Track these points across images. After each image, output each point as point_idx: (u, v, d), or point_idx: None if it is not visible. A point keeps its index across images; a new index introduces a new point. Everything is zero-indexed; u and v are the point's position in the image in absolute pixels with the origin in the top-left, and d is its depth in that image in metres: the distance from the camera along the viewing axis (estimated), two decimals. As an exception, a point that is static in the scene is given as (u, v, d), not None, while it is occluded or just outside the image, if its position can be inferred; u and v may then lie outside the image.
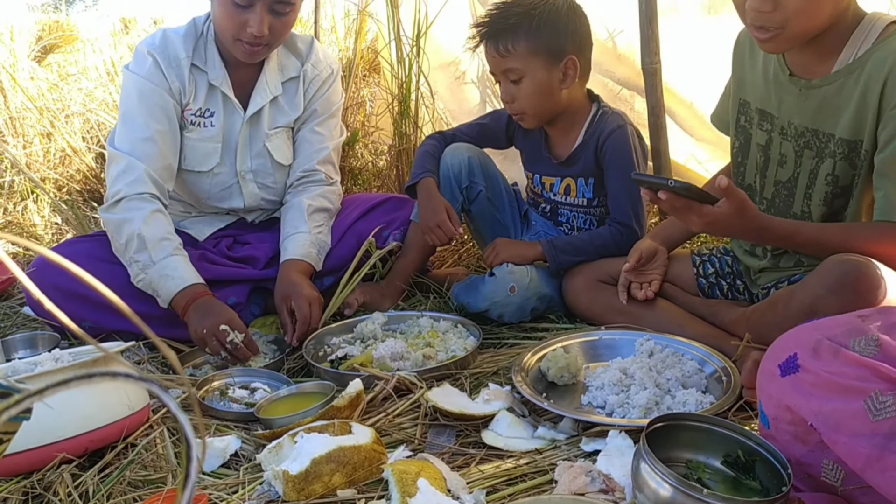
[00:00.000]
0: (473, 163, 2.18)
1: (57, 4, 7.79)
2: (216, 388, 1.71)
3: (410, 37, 2.85)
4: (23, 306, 2.35)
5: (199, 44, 2.08)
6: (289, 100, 2.18)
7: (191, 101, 2.07)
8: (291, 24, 2.02)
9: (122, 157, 1.98)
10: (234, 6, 1.89)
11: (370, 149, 3.41)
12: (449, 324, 1.97)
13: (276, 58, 2.14)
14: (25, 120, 3.72)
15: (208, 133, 2.10)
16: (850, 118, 1.50)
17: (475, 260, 2.60)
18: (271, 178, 2.21)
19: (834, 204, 1.59)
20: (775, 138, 1.66)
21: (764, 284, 1.77)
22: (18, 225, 3.32)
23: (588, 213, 2.15)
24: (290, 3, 1.93)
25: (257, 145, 2.16)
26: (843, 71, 1.49)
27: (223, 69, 2.08)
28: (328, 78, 2.21)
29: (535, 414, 1.51)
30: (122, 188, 1.96)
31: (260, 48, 1.97)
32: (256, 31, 1.89)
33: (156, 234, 1.92)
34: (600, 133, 2.05)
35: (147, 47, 2.05)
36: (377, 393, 1.58)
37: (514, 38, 1.95)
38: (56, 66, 4.76)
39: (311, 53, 2.19)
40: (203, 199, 2.19)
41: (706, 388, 1.53)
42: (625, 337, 1.75)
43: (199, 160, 2.11)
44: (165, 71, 2.02)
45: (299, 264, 2.04)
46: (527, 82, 1.98)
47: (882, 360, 0.94)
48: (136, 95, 2.01)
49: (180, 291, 1.87)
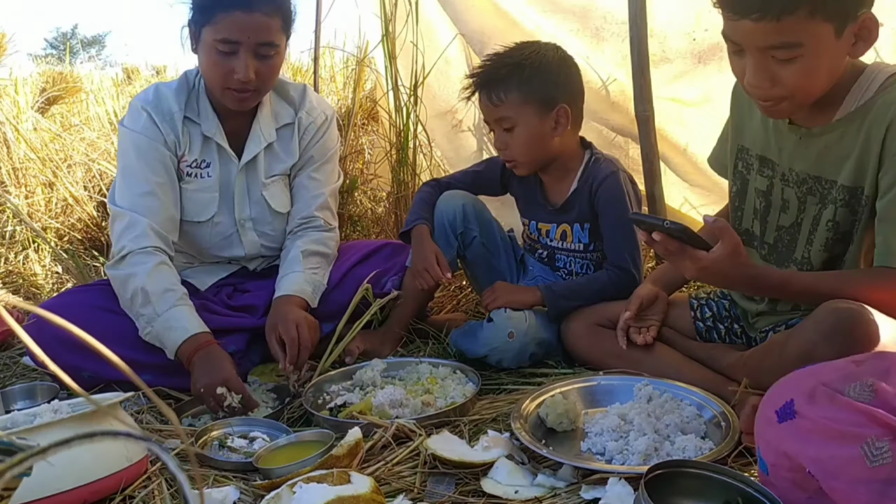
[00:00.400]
0: (468, 209, 2.21)
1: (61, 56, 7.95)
2: (215, 437, 1.70)
3: (408, 86, 2.90)
4: (22, 356, 2.35)
5: (192, 97, 2.11)
6: (284, 146, 2.20)
7: (186, 153, 2.10)
8: (278, 68, 2.04)
9: (125, 213, 2.00)
10: (219, 54, 1.92)
11: (369, 196, 3.45)
12: (448, 370, 1.97)
13: (268, 105, 2.17)
14: (28, 170, 3.76)
15: (205, 183, 2.12)
16: (852, 165, 1.50)
17: (473, 305, 2.61)
18: (270, 226, 2.23)
19: (834, 249, 1.60)
20: (777, 184, 1.67)
21: (762, 328, 1.78)
22: (19, 274, 3.34)
23: (585, 257, 2.17)
24: (275, 46, 1.95)
25: (255, 193, 2.18)
26: (845, 119, 1.50)
27: (216, 120, 2.11)
28: (323, 124, 2.23)
29: (534, 461, 1.50)
30: (126, 244, 1.97)
31: (249, 94, 1.99)
32: (243, 76, 1.92)
33: (159, 287, 1.92)
34: (594, 179, 2.09)
35: (141, 103, 2.08)
36: (376, 441, 1.58)
37: (506, 87, 2.00)
38: (59, 117, 4.83)
39: (305, 100, 2.22)
40: (204, 248, 2.21)
41: (705, 434, 1.53)
42: (623, 382, 1.75)
43: (197, 210, 2.13)
44: (160, 125, 2.05)
45: (292, 298, 2.04)
46: (519, 130, 2.03)
47: (877, 406, 0.95)
48: (133, 151, 2.04)
49: (184, 342, 1.87)
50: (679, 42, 2.48)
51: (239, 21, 1.89)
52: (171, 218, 2.07)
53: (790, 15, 1.33)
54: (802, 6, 1.32)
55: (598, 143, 2.61)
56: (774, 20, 1.33)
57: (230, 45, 1.91)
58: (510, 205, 2.41)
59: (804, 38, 1.35)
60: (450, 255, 2.19)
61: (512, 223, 2.47)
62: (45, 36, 34.02)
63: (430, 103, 2.98)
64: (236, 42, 1.90)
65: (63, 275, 3.28)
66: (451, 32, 2.91)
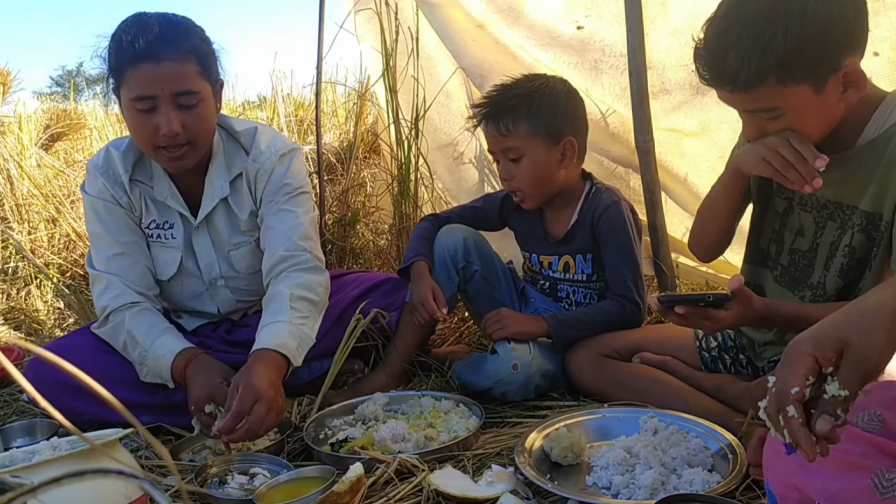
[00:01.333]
0: (468, 243, 2.20)
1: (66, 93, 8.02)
2: (215, 474, 1.68)
3: (409, 119, 2.92)
4: (22, 393, 2.33)
5: (143, 159, 2.04)
6: (239, 199, 2.07)
7: (142, 215, 2.07)
8: (207, 117, 1.90)
9: (101, 275, 2.01)
10: (139, 113, 1.83)
11: (371, 228, 3.46)
12: (451, 403, 1.95)
13: (221, 156, 2.05)
14: (31, 206, 3.78)
15: (171, 244, 2.09)
16: (872, 191, 1.49)
17: (476, 338, 2.60)
18: (244, 282, 2.16)
19: (849, 276, 1.59)
20: (795, 207, 1.67)
21: (769, 358, 1.76)
22: (21, 310, 3.33)
23: (588, 287, 2.16)
24: (194, 93, 1.84)
25: (222, 251, 2.11)
26: (866, 146, 1.49)
27: (168, 182, 2.03)
28: (275, 166, 2.04)
29: (539, 496, 1.48)
30: (108, 303, 1.98)
31: (182, 150, 1.87)
32: (166, 130, 1.81)
33: (143, 327, 1.94)
34: (595, 210, 2.09)
35: (92, 167, 2.06)
36: (378, 476, 1.56)
37: (515, 118, 2.01)
38: (63, 153, 4.87)
39: (253, 146, 2.06)
40: (177, 305, 2.19)
41: (712, 467, 1.50)
42: (629, 414, 1.73)
43: (161, 269, 2.10)
44: (111, 188, 2.02)
45: (269, 355, 1.77)
46: (526, 161, 2.03)
47: (886, 436, 0.93)
48: (94, 216, 2.04)
49: (173, 362, 1.87)
50: (677, 73, 2.49)
51: (147, 74, 1.79)
52: (146, 270, 2.06)
53: (759, 86, 1.37)
54: (769, 77, 1.36)
55: (599, 174, 2.61)
56: (743, 92, 1.39)
57: (146, 101, 1.81)
58: (510, 236, 2.41)
59: (779, 102, 1.40)
60: (450, 290, 2.18)
61: (511, 255, 2.47)
62: (51, 74, 34.33)
63: (431, 136, 3.00)
64: (151, 97, 1.80)
65: (65, 311, 3.28)
66: (451, 66, 2.93)
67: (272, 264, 2.00)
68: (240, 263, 2.12)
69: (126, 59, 1.81)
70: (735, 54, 1.36)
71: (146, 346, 1.91)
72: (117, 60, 1.84)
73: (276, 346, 1.79)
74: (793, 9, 1.32)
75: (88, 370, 1.86)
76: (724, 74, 1.39)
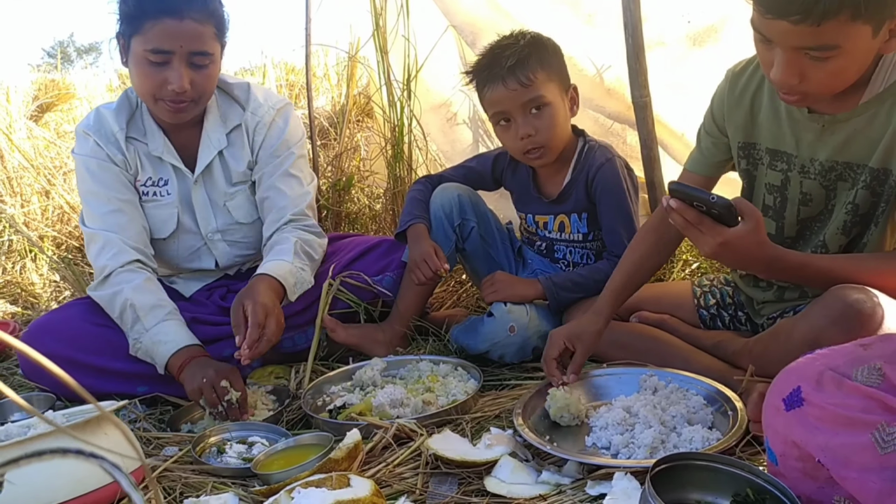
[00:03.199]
0: (464, 200, 2.18)
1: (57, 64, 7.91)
2: (213, 444, 1.67)
3: (401, 81, 2.87)
4: (19, 367, 2.33)
5: (136, 116, 2.05)
6: (235, 152, 2.11)
7: (138, 172, 2.05)
8: (214, 77, 1.96)
9: (97, 233, 1.98)
10: (151, 65, 1.84)
11: (366, 193, 3.42)
12: (449, 367, 1.94)
13: (215, 110, 2.08)
14: (23, 179, 3.74)
15: (165, 201, 2.08)
16: (883, 147, 1.45)
17: (474, 300, 2.58)
18: (240, 234, 2.18)
19: (852, 232, 1.56)
20: (794, 177, 1.60)
21: (769, 315, 1.75)
22: (17, 284, 3.32)
23: (585, 247, 2.14)
24: (209, 55, 1.88)
25: (218, 204, 2.12)
26: (874, 101, 1.44)
27: (162, 137, 2.05)
28: (273, 120, 2.11)
29: (538, 458, 1.47)
30: (107, 263, 1.95)
31: (185, 105, 1.91)
32: (177, 86, 1.84)
33: (147, 302, 1.90)
34: (589, 168, 2.05)
35: (83, 129, 2.04)
36: (376, 443, 1.55)
37: (532, 66, 1.95)
38: (53, 124, 4.81)
39: (250, 99, 2.11)
40: (174, 264, 2.17)
41: (712, 424, 1.50)
42: (628, 373, 1.72)
43: (157, 228, 2.09)
44: (105, 147, 2.01)
45: (271, 282, 1.90)
46: (549, 110, 1.98)
47: (886, 390, 0.92)
48: (88, 175, 2.02)
49: (173, 355, 1.84)
50: (674, 25, 2.44)
51: (169, 29, 1.81)
52: (143, 229, 2.04)
53: (832, 19, 1.25)
54: (845, 10, 1.24)
55: (595, 131, 2.57)
56: (815, 24, 1.26)
57: (162, 55, 1.83)
58: (507, 197, 2.37)
59: (842, 40, 1.29)
60: (448, 248, 2.15)
61: (509, 216, 2.43)
62: (43, 46, 33.98)
63: (423, 97, 2.95)
64: (168, 52, 1.83)
65: (61, 284, 3.26)
66: (442, 25, 2.87)
67: (279, 221, 2.09)
68: (237, 212, 2.13)
69: (148, 10, 1.82)
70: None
71: (147, 325, 1.88)
72: (137, 9, 1.84)
73: (277, 275, 1.92)
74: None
75: (82, 342, 1.87)
76: (797, 1, 1.25)
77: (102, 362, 1.95)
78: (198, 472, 1.55)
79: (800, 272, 1.49)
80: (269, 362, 2.10)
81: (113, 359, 1.94)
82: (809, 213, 1.62)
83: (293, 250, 2.01)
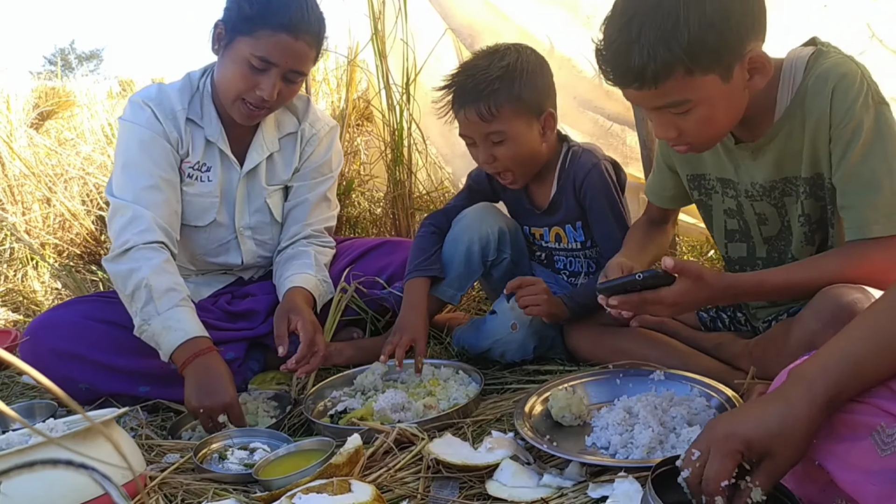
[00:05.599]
0: (503, 233, 2.11)
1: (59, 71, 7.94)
2: (215, 450, 1.67)
3: (400, 84, 2.87)
4: (22, 374, 2.33)
5: (196, 98, 2.07)
6: (285, 157, 2.18)
7: (189, 153, 2.05)
8: (296, 93, 2.05)
9: (127, 205, 1.91)
10: (250, 68, 1.89)
11: (367, 197, 3.43)
12: (450, 371, 1.94)
13: (273, 115, 2.13)
14: (24, 186, 3.75)
15: (206, 188, 2.07)
16: (807, 155, 1.48)
17: (475, 304, 2.58)
18: (269, 235, 2.21)
19: (815, 240, 1.57)
20: (744, 202, 1.63)
21: (764, 318, 1.75)
22: (19, 292, 3.32)
23: (584, 255, 2.11)
24: (304, 74, 1.96)
25: (257, 201, 2.15)
26: (785, 118, 1.48)
27: (220, 125, 2.07)
28: (327, 135, 2.21)
29: (540, 460, 1.47)
30: (130, 237, 1.88)
31: (261, 111, 1.98)
32: (267, 94, 1.89)
33: (164, 285, 1.84)
34: (575, 175, 2.01)
35: (142, 98, 2.02)
36: (377, 447, 1.55)
37: (496, 100, 1.87)
38: (53, 132, 4.82)
39: (309, 112, 2.19)
40: (199, 255, 2.16)
41: (713, 425, 1.49)
42: (631, 375, 1.72)
43: (196, 215, 2.08)
44: (163, 122, 2.00)
45: (306, 294, 2.01)
46: (510, 143, 1.92)
47: (884, 392, 0.91)
48: (136, 144, 1.98)
49: (182, 344, 1.78)
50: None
51: (283, 44, 1.86)
52: (175, 213, 2.01)
53: (667, 80, 1.33)
54: (676, 69, 1.32)
55: (595, 132, 2.58)
56: (654, 88, 1.34)
57: (265, 64, 1.88)
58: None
59: (689, 94, 1.36)
60: (470, 281, 2.13)
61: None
62: (44, 53, 34.03)
63: (423, 100, 2.95)
64: (274, 64, 1.88)
65: (62, 291, 3.27)
66: (440, 28, 2.87)
67: (299, 234, 2.19)
68: (276, 209, 2.19)
69: (270, 20, 1.86)
70: (639, 49, 1.31)
71: (159, 308, 1.81)
72: (259, 14, 1.87)
73: (309, 288, 2.03)
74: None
75: (83, 340, 1.86)
76: (631, 71, 1.34)
77: (106, 358, 1.92)
78: (199, 479, 1.54)
79: (758, 291, 1.50)
80: (271, 368, 2.10)
81: (116, 355, 1.93)
82: (770, 231, 1.64)
83: (314, 264, 2.10)
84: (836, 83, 1.39)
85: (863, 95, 1.38)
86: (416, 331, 1.96)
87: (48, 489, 1.27)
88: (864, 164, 1.39)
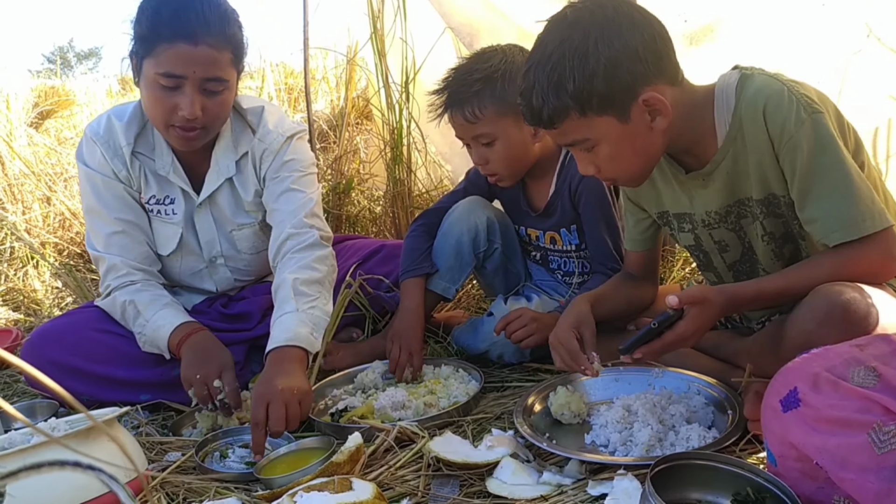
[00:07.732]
0: (492, 223, 2.13)
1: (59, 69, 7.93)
2: (215, 448, 1.68)
3: (399, 83, 2.87)
4: (22, 374, 2.34)
5: (146, 130, 1.98)
6: (243, 179, 2.04)
7: (142, 189, 2.01)
8: (228, 104, 1.90)
9: (101, 256, 1.99)
10: (162, 89, 1.77)
11: (366, 195, 3.43)
12: (450, 369, 1.95)
13: (227, 135, 2.01)
14: (24, 186, 3.75)
15: (172, 219, 2.04)
16: (755, 179, 1.49)
17: (475, 302, 2.59)
18: (244, 263, 2.15)
19: (785, 254, 1.58)
20: (701, 233, 1.64)
21: (758, 319, 1.75)
22: (19, 291, 3.33)
23: (579, 257, 2.11)
24: (223, 81, 1.82)
25: (225, 230, 2.08)
26: (727, 143, 1.48)
27: (171, 156, 1.98)
28: (281, 147, 2.02)
29: (540, 458, 1.48)
30: (111, 283, 1.98)
31: (195, 133, 1.84)
32: (188, 113, 1.77)
33: (146, 298, 1.93)
34: (572, 178, 2.01)
35: (92, 134, 1.99)
36: (378, 445, 1.56)
37: (480, 102, 1.88)
38: (53, 131, 4.82)
39: (260, 125, 2.02)
40: (175, 280, 2.16)
41: (712, 423, 1.50)
42: (631, 373, 1.72)
43: (161, 244, 2.06)
44: (110, 161, 1.96)
45: (281, 353, 1.74)
46: (499, 144, 1.93)
47: (881, 391, 0.92)
48: (91, 192, 1.99)
49: (173, 332, 1.86)
50: (670, 24, 2.43)
51: (183, 54, 1.74)
52: (147, 251, 2.03)
53: (563, 121, 1.43)
54: (569, 112, 1.41)
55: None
56: (555, 128, 1.45)
57: (174, 80, 1.76)
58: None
59: (587, 133, 1.44)
60: (464, 274, 2.13)
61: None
62: (43, 51, 34.00)
63: (422, 99, 2.94)
64: (180, 76, 1.75)
65: (63, 290, 3.27)
66: (439, 27, 2.87)
67: (278, 245, 1.96)
68: (242, 244, 2.10)
69: (162, 33, 1.75)
70: (535, 94, 1.43)
71: (147, 316, 1.90)
72: (151, 30, 1.77)
73: (287, 341, 1.74)
74: (577, 48, 1.38)
75: (85, 349, 1.86)
76: (534, 113, 1.45)
77: (106, 371, 1.94)
78: (201, 477, 1.55)
79: (759, 298, 1.50)
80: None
81: (117, 367, 1.94)
82: (733, 257, 1.65)
83: (292, 295, 1.83)
84: (765, 106, 1.40)
85: (794, 112, 1.38)
86: (411, 343, 1.96)
87: (51, 488, 1.28)
88: (817, 177, 1.39)
